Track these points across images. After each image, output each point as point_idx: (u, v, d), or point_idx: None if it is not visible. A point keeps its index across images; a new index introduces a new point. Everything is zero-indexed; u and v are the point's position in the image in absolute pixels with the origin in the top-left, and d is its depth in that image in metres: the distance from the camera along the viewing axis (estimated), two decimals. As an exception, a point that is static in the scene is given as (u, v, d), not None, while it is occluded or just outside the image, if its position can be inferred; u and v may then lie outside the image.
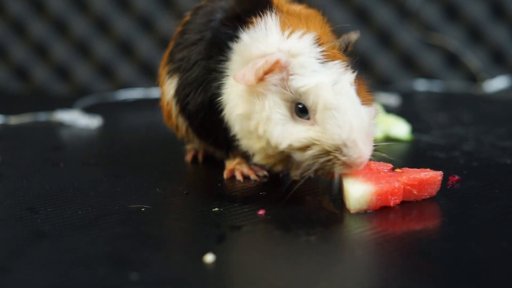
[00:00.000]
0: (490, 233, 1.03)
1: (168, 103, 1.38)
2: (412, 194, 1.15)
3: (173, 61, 1.35)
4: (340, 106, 1.09)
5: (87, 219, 1.12)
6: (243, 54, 1.18)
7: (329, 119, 1.09)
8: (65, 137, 1.85)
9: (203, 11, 1.34)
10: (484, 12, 2.53)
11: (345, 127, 1.09)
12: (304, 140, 1.11)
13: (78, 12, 2.61)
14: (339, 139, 1.09)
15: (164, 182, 1.33)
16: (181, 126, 1.38)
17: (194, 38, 1.31)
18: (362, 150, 1.10)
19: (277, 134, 1.12)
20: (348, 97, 1.11)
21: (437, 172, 1.16)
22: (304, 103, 1.12)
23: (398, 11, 2.55)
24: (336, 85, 1.11)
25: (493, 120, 1.92)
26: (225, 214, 1.13)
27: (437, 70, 2.56)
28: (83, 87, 2.63)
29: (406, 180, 1.14)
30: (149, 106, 2.28)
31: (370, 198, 1.11)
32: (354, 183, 1.12)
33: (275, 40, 1.15)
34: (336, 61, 1.13)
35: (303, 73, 1.11)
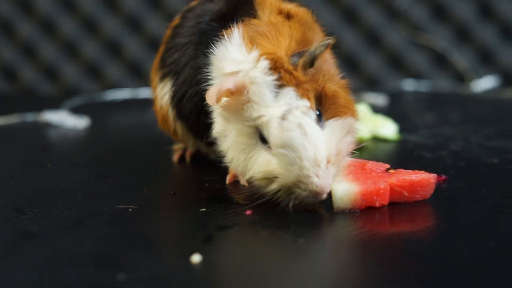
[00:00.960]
0: (477, 233, 1.03)
1: (161, 107, 1.37)
2: (403, 195, 1.14)
3: (164, 66, 1.35)
4: (288, 143, 1.05)
5: (74, 219, 1.12)
6: (216, 66, 1.16)
7: (280, 157, 1.06)
8: (53, 137, 1.85)
9: (192, 14, 1.34)
10: (472, 12, 2.54)
11: (295, 165, 1.05)
12: (265, 174, 1.09)
13: (66, 12, 2.60)
14: (293, 176, 1.06)
15: (152, 182, 1.33)
16: (178, 130, 1.37)
17: (184, 41, 1.30)
18: (319, 183, 1.06)
19: (242, 164, 1.12)
20: (298, 131, 1.05)
21: (430, 174, 1.16)
22: (262, 133, 1.09)
23: (386, 11, 2.56)
24: (285, 120, 1.05)
25: (481, 120, 1.92)
26: (212, 215, 1.13)
27: (425, 70, 2.57)
28: (71, 88, 2.62)
29: (396, 181, 1.13)
30: (137, 106, 2.28)
31: (354, 198, 1.11)
32: (340, 182, 1.12)
33: (232, 60, 1.11)
34: (290, 88, 1.07)
35: (258, 101, 1.07)
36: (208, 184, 1.30)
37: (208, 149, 1.37)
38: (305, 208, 1.12)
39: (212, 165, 1.39)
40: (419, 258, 0.95)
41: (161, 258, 0.97)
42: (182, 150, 1.49)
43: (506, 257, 0.94)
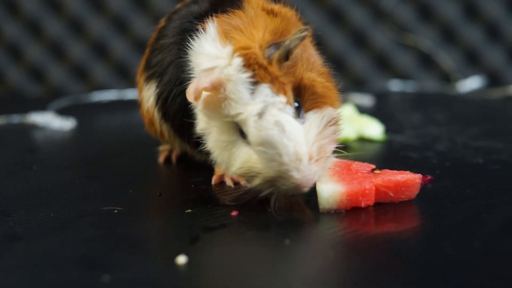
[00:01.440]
0: (462, 233, 1.03)
1: (148, 110, 1.36)
2: (388, 196, 1.14)
3: (149, 68, 1.34)
4: (266, 141, 1.05)
5: (59, 221, 1.11)
6: (194, 61, 1.16)
7: (260, 154, 1.06)
8: (39, 139, 1.84)
9: (177, 16, 1.33)
10: (458, 12, 2.54)
11: (275, 161, 1.05)
12: (247, 170, 1.10)
13: (51, 13, 2.60)
14: (276, 171, 1.06)
15: (138, 183, 1.33)
16: (165, 132, 1.36)
17: (168, 41, 1.30)
18: (298, 177, 1.06)
19: (225, 160, 1.13)
20: (276, 129, 1.05)
21: (415, 175, 1.16)
22: (242, 129, 1.09)
23: (372, 12, 2.56)
24: (262, 118, 1.05)
25: (466, 120, 1.93)
26: (198, 216, 1.12)
27: (411, 70, 2.58)
28: (57, 89, 2.62)
29: (381, 181, 1.13)
30: (124, 107, 2.28)
31: (339, 198, 1.11)
32: (325, 183, 1.12)
33: (207, 56, 1.11)
34: (266, 85, 1.06)
35: (235, 99, 1.07)
36: (194, 185, 1.30)
37: (194, 150, 1.35)
38: (291, 208, 1.13)
39: (198, 166, 1.39)
40: (405, 258, 0.95)
41: (147, 260, 0.96)
42: (168, 152, 1.49)
43: (491, 257, 0.94)
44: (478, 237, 1.01)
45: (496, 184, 1.28)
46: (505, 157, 1.46)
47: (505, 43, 2.54)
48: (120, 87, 2.54)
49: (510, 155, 1.47)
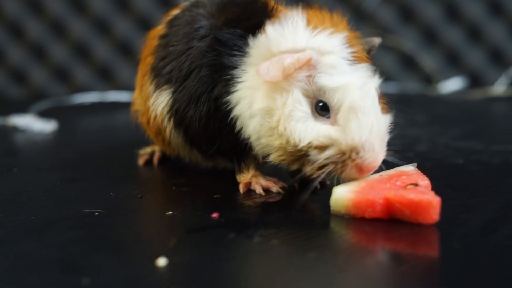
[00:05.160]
0: (441, 233, 1.03)
1: (156, 117, 1.32)
2: (404, 214, 1.07)
3: (160, 75, 1.31)
4: (365, 108, 1.10)
5: (40, 224, 1.11)
6: (266, 48, 1.16)
7: (352, 120, 1.09)
8: (20, 141, 1.84)
9: (181, 21, 1.32)
10: (439, 14, 2.56)
11: (366, 129, 1.09)
12: (324, 139, 1.10)
13: (33, 15, 2.59)
14: (359, 140, 1.09)
15: (119, 186, 1.33)
16: (174, 140, 1.33)
17: (181, 48, 1.28)
18: (378, 154, 1.11)
19: (299, 132, 1.11)
20: (372, 100, 1.12)
21: (434, 197, 1.07)
22: (327, 101, 1.11)
23: (354, 14, 2.57)
24: (363, 88, 1.11)
25: (447, 121, 1.94)
26: (179, 218, 1.12)
27: (393, 71, 2.59)
28: (39, 91, 2.61)
29: (393, 196, 1.08)
30: (105, 110, 2.27)
31: (346, 204, 1.10)
32: (344, 186, 1.11)
33: (304, 37, 1.14)
34: (364, 64, 1.14)
35: (332, 72, 1.11)
36: (175, 187, 1.30)
37: (204, 158, 1.34)
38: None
39: (179, 168, 1.39)
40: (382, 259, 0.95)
41: (127, 262, 0.96)
42: (148, 155, 1.49)
43: (469, 257, 0.95)
44: (457, 237, 1.01)
45: (475, 184, 1.29)
46: (485, 157, 1.47)
47: (486, 44, 2.56)
48: (101, 89, 2.53)
49: (490, 155, 1.48)
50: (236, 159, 1.27)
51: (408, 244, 1.01)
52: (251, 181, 1.26)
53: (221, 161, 1.32)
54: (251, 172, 1.26)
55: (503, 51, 2.56)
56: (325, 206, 1.14)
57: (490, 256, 0.95)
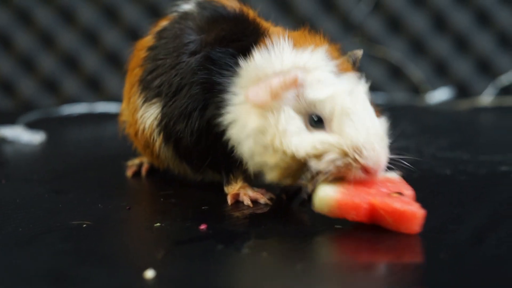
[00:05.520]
0: (429, 243, 1.04)
1: (144, 131, 1.33)
2: (387, 221, 1.08)
3: (149, 88, 1.31)
4: (357, 111, 1.11)
5: (28, 235, 1.11)
6: (254, 73, 1.17)
7: (347, 123, 1.10)
8: (8, 153, 1.83)
9: (169, 33, 1.32)
10: (427, 24, 2.57)
11: (362, 130, 1.10)
12: (321, 146, 1.10)
13: (21, 25, 2.58)
14: (357, 140, 1.09)
15: (107, 197, 1.33)
16: (164, 153, 1.33)
17: (171, 62, 1.28)
18: (380, 154, 1.11)
19: (295, 144, 1.11)
20: (363, 104, 1.13)
21: (418, 209, 1.08)
22: (320, 113, 1.12)
23: (342, 24, 2.58)
24: (353, 93, 1.12)
25: (435, 131, 1.95)
26: (167, 229, 1.12)
27: (380, 82, 2.60)
28: (27, 102, 2.60)
29: (378, 202, 1.08)
30: (94, 121, 2.27)
31: (330, 203, 1.10)
32: (329, 185, 1.11)
33: (289, 58, 1.16)
34: (350, 74, 1.16)
35: (319, 86, 1.12)
36: (163, 198, 1.31)
37: (194, 171, 1.34)
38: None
39: (167, 179, 1.39)
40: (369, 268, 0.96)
41: (115, 274, 0.96)
42: (137, 167, 1.49)
43: (458, 267, 0.95)
44: (444, 248, 1.02)
45: (463, 195, 1.29)
46: (472, 168, 1.47)
47: (473, 54, 2.57)
48: (90, 100, 2.53)
49: (477, 166, 1.49)
50: (225, 171, 1.27)
51: (396, 255, 1.01)
52: (239, 192, 1.26)
53: (210, 173, 1.32)
54: (239, 183, 1.26)
55: (490, 61, 2.57)
56: (313, 217, 1.14)
57: (479, 266, 0.96)
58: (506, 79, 2.52)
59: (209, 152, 1.24)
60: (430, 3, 2.57)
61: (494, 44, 2.57)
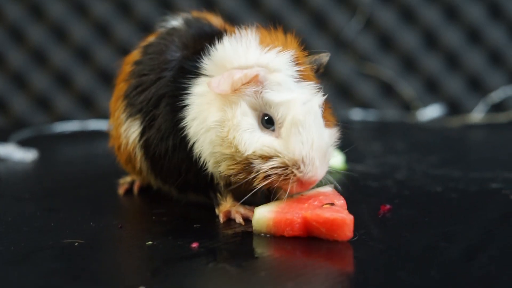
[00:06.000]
0: (419, 261, 1.04)
1: (128, 145, 1.34)
2: (321, 232, 1.13)
3: (133, 105, 1.32)
4: (306, 123, 1.14)
5: (20, 254, 1.11)
6: (221, 60, 1.21)
7: (294, 134, 1.14)
8: (0, 171, 1.83)
9: (155, 49, 1.34)
10: (418, 42, 2.58)
11: (307, 144, 1.14)
12: (268, 149, 1.15)
13: (14, 43, 2.58)
14: (299, 154, 1.13)
15: (99, 215, 1.33)
16: (144, 168, 1.35)
17: (153, 78, 1.30)
18: (317, 170, 1.15)
19: (244, 141, 1.15)
20: (315, 117, 1.16)
21: (348, 215, 1.13)
22: (272, 115, 1.16)
23: (333, 42, 2.59)
24: (306, 104, 1.15)
25: (426, 149, 1.96)
26: (158, 248, 1.13)
27: (372, 99, 2.61)
28: (19, 120, 2.60)
29: (310, 215, 1.14)
30: (86, 138, 2.27)
31: (267, 223, 1.16)
32: (264, 206, 1.17)
33: (254, 54, 1.19)
34: (310, 82, 1.18)
35: (278, 88, 1.16)
36: (155, 217, 1.31)
37: (172, 187, 1.35)
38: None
39: (159, 198, 1.39)
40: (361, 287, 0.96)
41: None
42: (128, 184, 1.49)
43: (447, 286, 0.96)
44: (435, 266, 1.02)
45: (453, 212, 1.30)
46: (462, 185, 1.48)
47: (464, 71, 2.58)
48: (82, 118, 2.53)
49: (468, 183, 1.50)
50: (213, 192, 1.28)
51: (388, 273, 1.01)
52: (230, 210, 1.27)
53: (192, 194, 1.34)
54: (229, 201, 1.27)
55: (481, 78, 2.58)
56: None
57: (470, 284, 0.97)
58: (497, 96, 2.54)
59: (181, 169, 1.27)
60: (421, 20, 2.58)
61: (485, 61, 2.58)
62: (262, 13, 2.57)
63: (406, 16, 2.58)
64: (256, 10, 2.57)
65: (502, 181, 1.51)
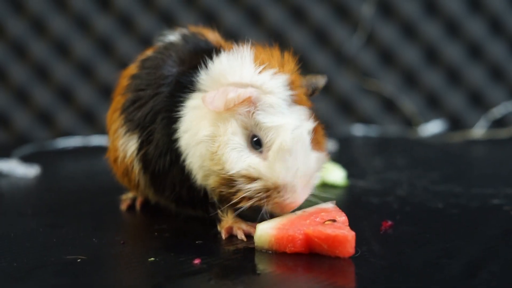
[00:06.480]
0: (421, 278, 1.04)
1: (125, 158, 1.36)
2: (323, 248, 1.13)
3: (131, 120, 1.33)
4: (293, 150, 1.15)
5: (22, 270, 1.11)
6: (216, 76, 1.22)
7: (280, 160, 1.15)
8: (2, 186, 1.84)
9: (151, 63, 1.35)
10: (419, 57, 2.59)
11: (291, 171, 1.15)
12: (253, 171, 1.16)
13: (15, 59, 2.59)
14: (283, 180, 1.15)
15: (101, 231, 1.33)
16: (142, 182, 1.36)
17: (150, 93, 1.31)
18: (299, 196, 1.17)
19: (231, 159, 1.17)
20: (302, 144, 1.17)
21: (349, 232, 1.13)
22: (261, 137, 1.17)
23: (334, 57, 2.60)
24: (295, 131, 1.16)
25: (427, 164, 1.96)
26: (161, 264, 1.13)
27: (373, 115, 2.61)
28: (22, 135, 2.61)
29: (312, 232, 1.14)
30: (88, 154, 2.28)
31: (269, 240, 1.16)
32: (267, 222, 1.18)
33: (249, 72, 1.19)
34: (302, 107, 1.20)
35: (270, 111, 1.17)
36: (157, 233, 1.31)
37: (170, 201, 1.36)
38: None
39: (161, 214, 1.40)
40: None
41: (109, 309, 0.97)
42: (131, 200, 1.50)
43: (448, 302, 0.96)
44: (437, 282, 1.02)
45: (455, 228, 1.30)
46: (463, 201, 1.48)
47: (465, 87, 2.59)
48: (85, 134, 2.54)
49: (469, 199, 1.50)
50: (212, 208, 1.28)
51: None
52: (232, 226, 1.27)
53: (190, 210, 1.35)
54: (231, 217, 1.27)
55: (482, 94, 2.59)
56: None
57: (469, 301, 0.97)
58: (498, 111, 2.55)
59: (175, 183, 1.28)
60: (422, 36, 2.59)
61: (486, 77, 2.59)
62: (263, 28, 2.58)
63: (407, 32, 2.59)
64: (257, 25, 2.58)
65: (504, 197, 1.51)
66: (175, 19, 2.54)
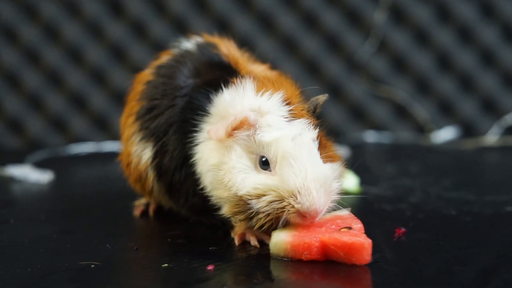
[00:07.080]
0: (434, 285, 1.04)
1: (138, 165, 1.37)
2: (339, 255, 1.13)
3: (146, 128, 1.35)
4: (297, 155, 1.15)
5: (36, 276, 1.11)
6: (222, 111, 1.24)
7: (286, 167, 1.14)
8: (16, 192, 1.84)
9: (166, 71, 1.36)
10: (431, 64, 2.59)
11: (300, 175, 1.13)
12: (261, 186, 1.15)
13: (29, 65, 2.60)
14: (294, 185, 1.13)
15: (115, 237, 1.33)
16: (156, 190, 1.38)
17: (166, 104, 1.33)
18: (316, 199, 1.14)
19: (238, 182, 1.17)
20: (307, 149, 1.16)
21: (366, 239, 1.13)
22: (266, 155, 1.17)
23: (347, 64, 2.60)
24: (296, 138, 1.16)
25: (440, 171, 1.95)
26: (174, 270, 1.13)
27: (386, 121, 2.61)
28: (35, 141, 2.62)
29: (328, 239, 1.13)
30: (101, 160, 2.28)
31: (284, 247, 1.15)
32: (281, 230, 1.17)
33: (249, 100, 1.21)
34: (302, 119, 1.19)
35: (269, 129, 1.17)
36: (170, 239, 1.31)
37: (184, 210, 1.38)
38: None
39: (175, 219, 1.40)
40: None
41: (123, 315, 0.97)
42: (144, 206, 1.50)
43: (462, 309, 0.96)
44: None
45: (468, 236, 1.30)
46: (477, 208, 1.48)
47: (478, 94, 2.58)
48: (98, 140, 2.55)
49: (482, 206, 1.49)
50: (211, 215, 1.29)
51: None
52: (245, 232, 1.27)
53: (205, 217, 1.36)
54: (243, 224, 1.27)
55: (495, 100, 2.58)
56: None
57: (483, 308, 0.97)
58: (511, 118, 2.54)
59: (189, 193, 1.31)
60: (435, 42, 2.59)
61: (499, 84, 2.58)
62: (276, 35, 2.58)
63: (419, 38, 2.59)
64: (270, 32, 2.58)
65: (517, 204, 1.51)
66: (188, 26, 2.54)
